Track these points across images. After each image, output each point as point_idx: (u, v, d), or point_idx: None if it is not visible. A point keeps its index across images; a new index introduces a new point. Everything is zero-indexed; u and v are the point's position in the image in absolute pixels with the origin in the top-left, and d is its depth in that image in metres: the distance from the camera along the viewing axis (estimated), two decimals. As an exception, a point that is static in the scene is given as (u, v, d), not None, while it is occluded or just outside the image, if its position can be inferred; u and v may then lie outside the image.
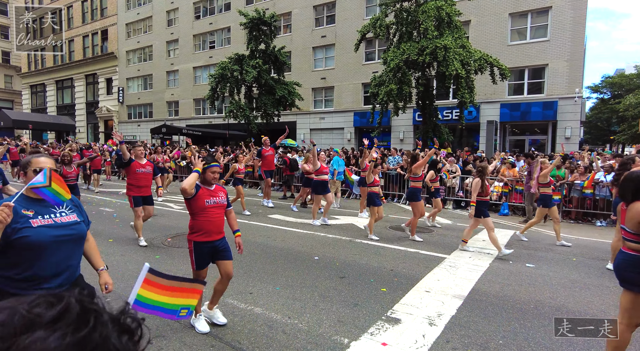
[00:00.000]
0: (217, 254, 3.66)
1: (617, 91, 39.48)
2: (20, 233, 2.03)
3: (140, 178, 6.65)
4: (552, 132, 19.42)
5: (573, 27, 18.23)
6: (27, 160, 2.27)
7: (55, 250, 2.12)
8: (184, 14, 31.55)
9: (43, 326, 0.51)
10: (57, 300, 0.55)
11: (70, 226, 2.22)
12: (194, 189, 3.50)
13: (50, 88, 41.07)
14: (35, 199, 2.17)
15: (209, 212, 3.57)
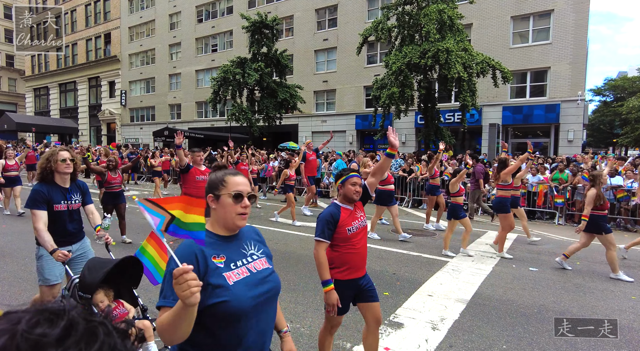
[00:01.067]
0: (361, 295, 2.83)
1: (619, 94, 39.39)
2: (215, 297, 1.36)
3: (200, 187, 5.73)
4: (554, 135, 19.37)
5: (575, 30, 18.22)
6: (220, 178, 1.54)
7: (255, 317, 1.46)
8: (186, 18, 31.71)
9: (52, 346, 0.48)
10: (56, 316, 0.52)
11: (267, 277, 1.56)
12: None
13: (53, 91, 41.31)
14: (222, 236, 1.52)
15: (353, 241, 2.74)
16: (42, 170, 3.15)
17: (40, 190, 3.11)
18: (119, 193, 6.86)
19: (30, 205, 3.09)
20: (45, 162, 3.15)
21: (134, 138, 35.26)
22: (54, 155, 3.16)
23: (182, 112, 32.68)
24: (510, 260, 6.21)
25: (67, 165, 3.19)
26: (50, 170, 3.15)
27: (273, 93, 21.60)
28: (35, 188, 3.13)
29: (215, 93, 21.31)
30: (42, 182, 3.19)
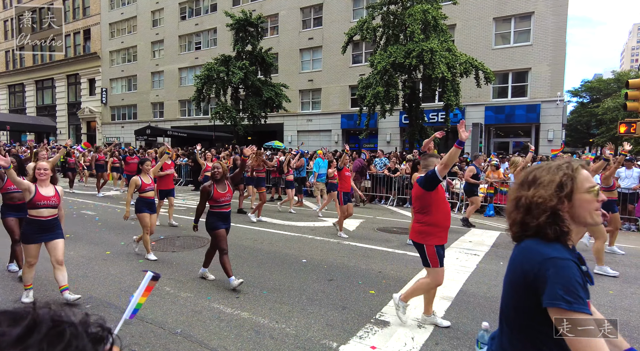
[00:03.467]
0: None
1: (595, 95, 40.67)
2: None
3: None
4: (535, 135, 19.81)
5: (555, 33, 18.68)
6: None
7: None
8: (169, 15, 31.16)
9: (10, 345, 0.47)
10: (21, 315, 0.51)
11: None
12: None
13: (29, 88, 39.98)
14: None
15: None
16: None
17: None
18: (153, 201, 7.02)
19: None
20: None
21: (115, 137, 34.46)
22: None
23: (165, 110, 32.12)
24: (494, 257, 6.28)
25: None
26: None
27: (258, 92, 21.42)
28: None
29: (199, 91, 20.99)
30: None
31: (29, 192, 3.96)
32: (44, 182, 4.07)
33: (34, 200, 3.97)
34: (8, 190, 5.03)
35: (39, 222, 4.00)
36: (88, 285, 4.71)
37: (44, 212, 4.01)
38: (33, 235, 4.01)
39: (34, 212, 4.00)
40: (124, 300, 4.25)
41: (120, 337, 0.62)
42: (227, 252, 4.71)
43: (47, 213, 4.03)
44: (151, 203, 5.96)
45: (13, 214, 5.02)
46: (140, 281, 4.60)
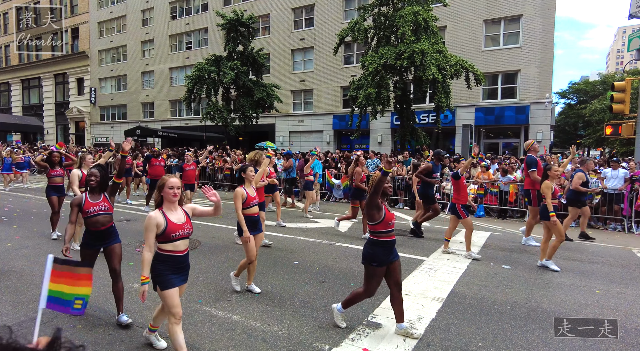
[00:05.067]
0: None
1: (582, 97, 41.39)
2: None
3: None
4: (524, 136, 20.09)
5: (543, 35, 18.97)
6: None
7: None
8: (159, 14, 30.87)
9: None
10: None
11: None
12: None
13: (15, 87, 39.24)
14: None
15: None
16: None
17: None
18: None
19: None
20: None
21: (105, 137, 34.02)
22: None
23: (155, 110, 31.80)
24: (485, 258, 6.34)
25: None
26: None
27: (249, 92, 21.34)
28: None
29: (189, 91, 20.83)
30: None
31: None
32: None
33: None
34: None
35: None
36: (76, 289, 4.63)
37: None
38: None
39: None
40: (113, 304, 4.19)
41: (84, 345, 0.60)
42: None
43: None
44: (256, 221, 4.74)
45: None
46: (130, 284, 4.55)
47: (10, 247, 6.54)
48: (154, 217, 2.88)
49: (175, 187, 2.96)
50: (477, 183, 11.18)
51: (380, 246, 3.53)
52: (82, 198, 3.69)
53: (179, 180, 3.03)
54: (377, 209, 3.48)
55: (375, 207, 3.47)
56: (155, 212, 2.92)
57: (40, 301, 1.92)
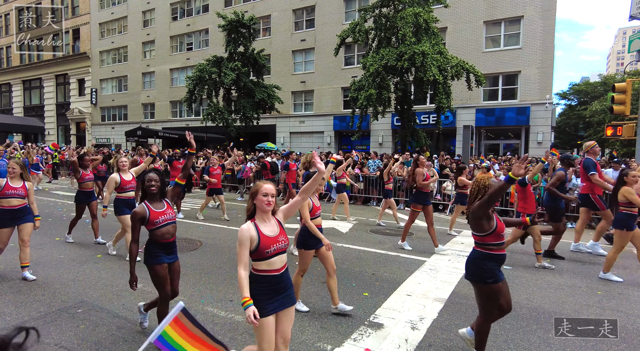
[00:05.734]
0: None
1: (583, 98, 41.41)
2: None
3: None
4: (525, 137, 20.10)
5: (543, 36, 18.99)
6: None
7: None
8: (160, 15, 30.93)
9: None
10: None
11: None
12: None
13: (16, 88, 39.31)
14: None
15: None
16: None
17: None
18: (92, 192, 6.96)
19: None
20: None
21: (106, 138, 34.08)
22: None
23: (156, 111, 31.85)
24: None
25: None
26: None
27: (250, 93, 21.37)
28: None
29: (190, 92, 20.88)
30: None
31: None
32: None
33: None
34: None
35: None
36: (79, 289, 4.65)
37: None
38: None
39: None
40: (116, 304, 4.22)
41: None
42: None
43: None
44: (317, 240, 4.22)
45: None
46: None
47: (13, 247, 6.56)
48: (246, 229, 2.47)
49: (269, 194, 2.53)
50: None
51: (493, 260, 3.07)
52: (145, 210, 3.22)
53: (274, 186, 2.60)
54: (487, 219, 3.04)
55: (486, 216, 3.04)
56: (248, 224, 2.52)
57: (151, 335, 2.05)
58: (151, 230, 3.28)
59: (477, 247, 3.15)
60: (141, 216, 3.21)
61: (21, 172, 4.90)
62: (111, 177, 5.84)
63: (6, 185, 4.81)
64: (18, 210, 4.88)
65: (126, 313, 4.02)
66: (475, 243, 3.18)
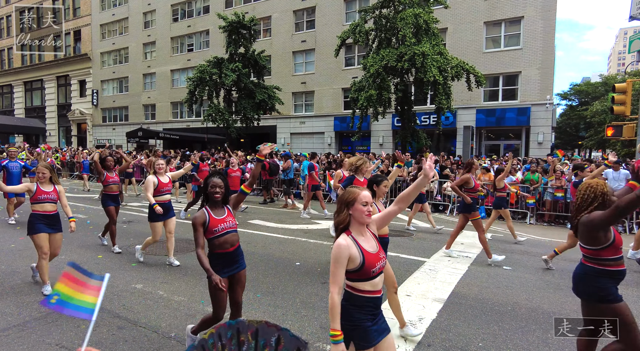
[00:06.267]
0: None
1: (584, 98, 41.34)
2: None
3: None
4: (525, 137, 20.09)
5: (543, 37, 18.99)
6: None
7: None
8: (161, 16, 31.01)
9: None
10: None
11: None
12: None
13: (17, 89, 39.44)
14: None
15: None
16: None
17: None
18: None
19: None
20: None
21: (106, 139, 34.15)
22: None
23: (156, 112, 31.91)
24: (486, 259, 6.36)
25: None
26: None
27: (251, 94, 21.41)
28: None
29: (191, 93, 20.93)
30: None
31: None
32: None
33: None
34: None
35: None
36: (80, 290, 4.67)
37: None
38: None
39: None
40: (116, 304, 4.24)
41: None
42: None
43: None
44: (387, 243, 4.28)
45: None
46: (133, 285, 4.59)
47: (14, 248, 6.59)
48: (345, 246, 2.05)
49: (369, 203, 2.15)
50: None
51: (610, 277, 2.68)
52: (205, 215, 3.05)
53: (370, 192, 2.24)
54: (605, 231, 2.65)
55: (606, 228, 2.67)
56: (345, 239, 2.09)
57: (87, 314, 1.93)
58: (210, 239, 3.05)
59: (588, 262, 2.74)
60: (202, 221, 3.03)
61: (51, 175, 4.71)
62: (149, 179, 5.66)
63: (38, 190, 4.63)
64: (52, 216, 4.71)
65: (126, 313, 4.04)
66: (586, 257, 2.77)
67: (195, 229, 3.01)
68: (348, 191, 2.21)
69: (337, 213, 2.21)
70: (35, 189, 4.62)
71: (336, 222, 2.20)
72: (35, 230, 4.53)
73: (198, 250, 2.97)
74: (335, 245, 2.08)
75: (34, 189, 4.61)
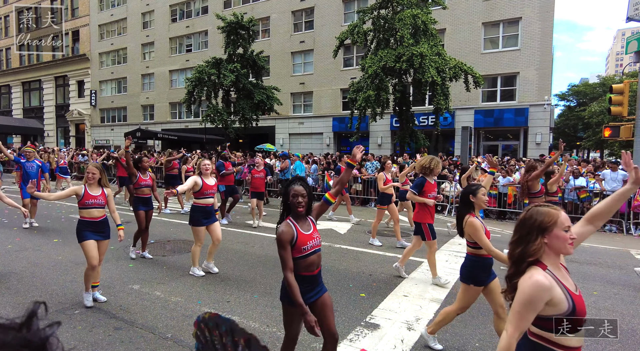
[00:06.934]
0: None
1: (582, 99, 41.44)
2: None
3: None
4: (523, 138, 20.13)
5: (541, 38, 19.04)
6: None
7: None
8: (159, 17, 30.98)
9: None
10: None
11: None
12: None
13: (15, 90, 39.34)
14: None
15: None
16: None
17: None
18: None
19: None
20: None
21: (105, 139, 34.10)
22: None
23: (155, 112, 31.87)
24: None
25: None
26: None
27: (249, 95, 21.40)
28: None
29: (189, 94, 20.91)
30: None
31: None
32: None
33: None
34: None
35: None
36: (77, 290, 4.66)
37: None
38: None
39: None
40: (113, 305, 4.23)
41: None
42: None
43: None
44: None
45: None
46: (130, 286, 4.57)
47: (11, 249, 6.57)
48: (547, 287, 1.67)
49: (570, 227, 1.73)
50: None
51: None
52: (293, 231, 2.56)
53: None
54: None
55: None
56: (545, 276, 1.69)
57: None
58: (295, 259, 2.54)
59: None
60: (290, 237, 2.53)
61: (100, 177, 4.28)
62: (192, 179, 5.26)
63: (85, 193, 4.22)
64: (100, 223, 4.31)
65: (123, 314, 4.04)
66: None
67: (282, 247, 2.50)
68: (541, 212, 1.71)
69: (521, 241, 1.71)
70: (82, 193, 4.21)
71: (520, 253, 1.72)
72: (83, 238, 4.20)
73: (287, 273, 2.46)
74: (533, 283, 1.63)
75: (81, 193, 4.20)
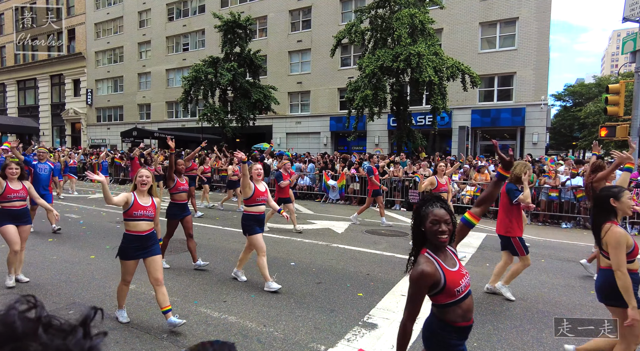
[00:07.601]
0: None
1: (578, 99, 41.65)
2: None
3: None
4: (520, 138, 20.19)
5: (538, 38, 19.10)
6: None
7: None
8: (156, 15, 30.83)
9: None
10: None
11: None
12: None
13: (10, 88, 39.04)
14: None
15: None
16: None
17: None
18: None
19: None
20: None
21: (101, 138, 33.91)
22: None
23: (151, 112, 31.73)
24: (481, 259, 6.36)
25: None
26: None
27: (246, 94, 21.34)
28: None
29: (186, 93, 20.82)
30: None
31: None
32: None
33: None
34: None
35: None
36: (71, 290, 4.61)
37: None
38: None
39: None
40: (108, 305, 4.18)
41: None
42: None
43: None
44: None
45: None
46: (131, 287, 4.51)
47: (4, 248, 6.50)
48: None
49: None
50: (474, 185, 11.23)
51: None
52: (439, 272, 1.96)
53: None
54: None
55: None
56: None
57: None
58: (447, 306, 1.94)
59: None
60: (434, 280, 1.91)
61: (151, 184, 3.74)
62: (246, 183, 4.86)
63: (135, 203, 3.62)
64: (147, 238, 3.69)
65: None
66: None
67: (419, 292, 1.98)
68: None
69: None
70: (132, 201, 3.63)
71: None
72: (125, 256, 3.67)
73: (408, 324, 2.00)
74: None
75: (131, 201, 3.62)
